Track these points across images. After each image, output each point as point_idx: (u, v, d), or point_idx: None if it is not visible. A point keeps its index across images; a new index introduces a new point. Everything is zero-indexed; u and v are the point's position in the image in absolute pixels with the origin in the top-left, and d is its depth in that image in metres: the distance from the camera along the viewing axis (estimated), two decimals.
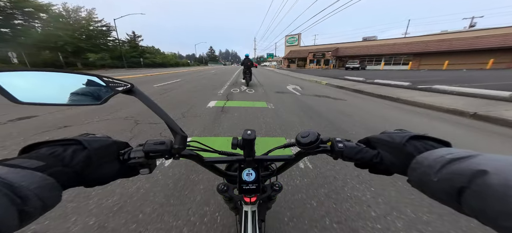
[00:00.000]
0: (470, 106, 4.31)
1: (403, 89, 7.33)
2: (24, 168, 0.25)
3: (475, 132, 3.14)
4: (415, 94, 6.09)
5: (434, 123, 3.61)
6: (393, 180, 1.72)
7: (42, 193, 0.24)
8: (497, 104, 4.40)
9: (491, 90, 5.47)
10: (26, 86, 0.30)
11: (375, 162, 0.37)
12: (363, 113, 4.19)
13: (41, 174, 0.25)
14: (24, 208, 0.22)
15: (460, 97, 5.36)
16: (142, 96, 0.37)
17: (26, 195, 0.22)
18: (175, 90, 7.13)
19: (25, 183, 0.22)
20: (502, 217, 0.18)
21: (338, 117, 3.86)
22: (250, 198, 0.54)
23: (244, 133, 0.45)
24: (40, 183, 0.24)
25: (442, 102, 4.82)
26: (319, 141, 0.42)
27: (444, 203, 0.25)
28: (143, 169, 0.38)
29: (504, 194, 0.18)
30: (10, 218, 0.20)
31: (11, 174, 0.22)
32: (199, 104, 4.77)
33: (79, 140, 0.32)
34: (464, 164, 0.23)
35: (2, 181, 0.21)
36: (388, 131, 0.39)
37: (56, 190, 0.26)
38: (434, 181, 0.25)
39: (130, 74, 16.45)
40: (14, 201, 0.21)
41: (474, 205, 0.21)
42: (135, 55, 39.92)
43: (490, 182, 0.20)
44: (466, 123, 3.57)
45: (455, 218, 1.32)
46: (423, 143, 0.32)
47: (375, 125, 3.42)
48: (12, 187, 0.21)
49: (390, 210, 1.42)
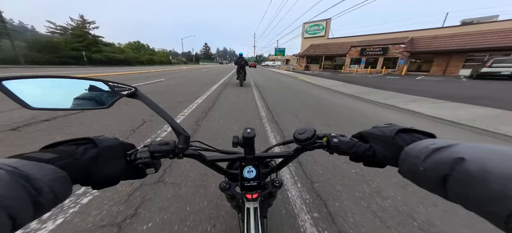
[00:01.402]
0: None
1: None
2: (39, 160, 0.26)
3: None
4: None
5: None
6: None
7: (54, 185, 0.25)
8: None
9: None
10: (36, 92, 0.31)
11: (368, 155, 0.39)
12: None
13: (53, 167, 0.26)
14: (39, 200, 0.23)
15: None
16: (146, 99, 0.39)
17: (41, 187, 0.23)
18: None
19: (39, 175, 0.24)
20: (483, 201, 0.19)
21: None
22: (252, 195, 0.56)
23: (244, 132, 0.47)
24: (53, 175, 0.25)
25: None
26: (316, 137, 0.44)
27: (432, 191, 0.26)
28: (149, 169, 0.40)
29: (482, 179, 0.20)
30: (26, 209, 0.22)
31: (27, 166, 0.24)
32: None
33: (92, 139, 0.34)
34: (446, 153, 0.25)
35: (20, 173, 0.22)
36: (379, 125, 0.41)
37: (67, 183, 0.27)
38: (421, 170, 0.27)
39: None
40: (30, 192, 0.22)
41: (457, 191, 0.22)
42: (78, 47, 26.76)
43: (468, 169, 0.21)
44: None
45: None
46: (410, 136, 0.34)
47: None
48: (28, 179, 0.22)
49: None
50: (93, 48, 28.93)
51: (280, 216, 1.32)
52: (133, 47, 52.79)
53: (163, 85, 7.89)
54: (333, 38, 33.40)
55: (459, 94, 6.94)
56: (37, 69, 17.59)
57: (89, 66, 25.74)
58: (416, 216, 1.36)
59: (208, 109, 4.15)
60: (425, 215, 1.37)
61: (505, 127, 3.29)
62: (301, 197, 1.51)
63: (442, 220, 1.33)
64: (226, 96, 5.91)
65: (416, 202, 1.49)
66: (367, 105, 5.23)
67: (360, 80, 12.57)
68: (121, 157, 0.37)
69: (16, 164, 0.23)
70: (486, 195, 0.19)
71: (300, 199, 1.49)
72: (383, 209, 1.42)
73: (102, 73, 13.35)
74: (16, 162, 0.24)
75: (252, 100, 5.47)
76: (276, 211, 1.36)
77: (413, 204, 1.47)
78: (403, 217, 1.35)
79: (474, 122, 3.58)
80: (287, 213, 1.35)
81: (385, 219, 1.33)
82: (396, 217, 1.35)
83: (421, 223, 1.30)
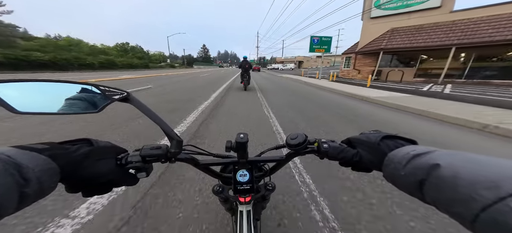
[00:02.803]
0: None
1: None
2: (32, 150, 0.26)
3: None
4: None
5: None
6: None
7: (42, 176, 0.25)
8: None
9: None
10: (23, 97, 0.31)
11: (355, 160, 0.40)
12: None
13: (44, 157, 0.26)
14: (25, 190, 0.23)
15: None
16: (138, 103, 0.39)
17: (29, 177, 0.23)
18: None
19: (31, 165, 0.24)
20: (453, 204, 0.21)
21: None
22: (245, 198, 0.56)
23: (237, 136, 0.48)
24: (43, 166, 0.25)
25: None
26: (307, 143, 0.45)
27: (411, 194, 0.28)
28: (140, 173, 0.40)
29: (453, 184, 0.21)
30: (11, 199, 0.21)
31: (20, 155, 0.24)
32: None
33: (89, 139, 0.36)
34: (424, 159, 0.26)
35: (12, 161, 0.22)
36: (365, 132, 0.42)
37: (55, 177, 0.27)
38: (402, 175, 0.28)
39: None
40: (18, 182, 0.22)
41: (432, 195, 0.24)
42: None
43: (443, 174, 0.23)
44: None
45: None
46: (394, 142, 0.35)
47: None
48: (19, 168, 0.22)
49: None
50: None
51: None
52: (121, 49, 49.06)
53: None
54: (470, 10, 12.35)
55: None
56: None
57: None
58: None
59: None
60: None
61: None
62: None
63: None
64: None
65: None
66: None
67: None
68: (112, 158, 0.38)
69: (9, 152, 0.23)
70: (455, 198, 0.21)
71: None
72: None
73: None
74: (9, 150, 0.24)
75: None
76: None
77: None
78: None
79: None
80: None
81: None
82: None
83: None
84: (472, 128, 3.60)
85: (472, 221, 0.19)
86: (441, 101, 5.72)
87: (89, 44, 38.67)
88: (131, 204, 1.40)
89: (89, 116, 3.33)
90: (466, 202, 0.20)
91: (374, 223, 1.32)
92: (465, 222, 0.20)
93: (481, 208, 0.18)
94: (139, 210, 1.36)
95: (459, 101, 5.76)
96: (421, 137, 3.07)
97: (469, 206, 0.19)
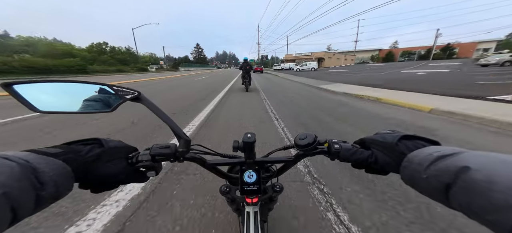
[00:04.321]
0: None
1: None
2: (47, 154, 0.27)
3: None
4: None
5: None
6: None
7: (58, 180, 0.25)
8: None
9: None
10: (45, 96, 0.33)
11: (370, 162, 0.39)
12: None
13: (60, 161, 0.27)
14: (41, 193, 0.23)
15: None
16: (149, 103, 0.40)
17: (45, 180, 0.24)
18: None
19: (47, 169, 0.24)
20: (487, 211, 0.19)
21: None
22: (252, 199, 0.56)
23: (244, 136, 0.47)
24: (58, 170, 0.26)
25: None
26: (317, 143, 0.44)
27: (433, 198, 0.26)
28: (150, 172, 0.41)
29: (487, 189, 0.19)
30: (29, 201, 0.22)
31: (36, 159, 0.24)
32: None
33: (100, 139, 0.36)
34: (450, 161, 0.24)
35: (29, 166, 0.23)
36: (381, 132, 0.41)
37: (70, 179, 0.28)
38: (423, 178, 0.26)
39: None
40: (35, 185, 0.23)
41: (460, 200, 0.22)
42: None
43: (473, 178, 0.21)
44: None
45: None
46: (413, 142, 0.33)
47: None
48: (36, 172, 0.23)
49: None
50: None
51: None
52: (97, 49, 40.41)
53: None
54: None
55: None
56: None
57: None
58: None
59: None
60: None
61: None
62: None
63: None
64: None
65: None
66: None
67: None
68: (123, 158, 0.38)
69: (27, 157, 0.24)
70: (490, 205, 0.19)
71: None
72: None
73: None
74: (27, 155, 0.24)
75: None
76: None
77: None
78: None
79: None
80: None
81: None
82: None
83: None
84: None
85: (510, 231, 0.17)
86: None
87: (54, 44, 34.13)
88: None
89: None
90: (503, 210, 0.18)
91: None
92: (502, 231, 0.18)
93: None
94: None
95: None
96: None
97: (506, 214, 0.18)
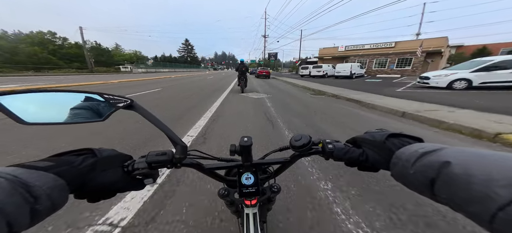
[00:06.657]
0: None
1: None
2: (37, 168, 0.26)
3: None
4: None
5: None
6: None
7: (52, 193, 0.25)
8: None
9: None
10: (31, 107, 0.31)
11: (362, 160, 0.40)
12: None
13: (53, 175, 0.27)
14: (36, 207, 0.23)
15: None
16: (143, 111, 0.39)
17: (39, 194, 0.24)
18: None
19: (39, 183, 0.24)
20: (467, 203, 0.20)
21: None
22: (251, 201, 0.56)
23: (241, 140, 0.48)
24: (51, 183, 0.26)
25: None
26: (311, 144, 0.44)
27: (421, 193, 0.27)
28: (147, 179, 0.41)
29: (467, 182, 0.20)
30: (23, 216, 0.22)
31: (26, 174, 0.24)
32: None
33: (92, 149, 0.35)
34: (433, 157, 0.25)
35: (18, 181, 0.23)
36: (370, 130, 0.42)
37: (65, 192, 0.28)
38: (411, 173, 0.28)
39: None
40: (28, 199, 0.23)
41: (444, 194, 0.23)
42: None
43: (454, 172, 0.22)
44: None
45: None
46: (399, 140, 0.35)
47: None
48: (27, 186, 0.23)
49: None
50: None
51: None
52: (32, 41, 29.73)
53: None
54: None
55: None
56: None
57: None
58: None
59: None
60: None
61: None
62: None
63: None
64: None
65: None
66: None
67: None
68: (118, 167, 0.38)
69: (15, 172, 0.24)
70: (470, 197, 0.20)
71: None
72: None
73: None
74: (15, 170, 0.24)
75: None
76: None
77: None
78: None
79: None
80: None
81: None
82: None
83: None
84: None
85: (489, 221, 0.18)
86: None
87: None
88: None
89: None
90: (482, 201, 0.19)
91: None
92: (482, 222, 0.19)
93: (498, 207, 0.18)
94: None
95: None
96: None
97: (485, 205, 0.19)
